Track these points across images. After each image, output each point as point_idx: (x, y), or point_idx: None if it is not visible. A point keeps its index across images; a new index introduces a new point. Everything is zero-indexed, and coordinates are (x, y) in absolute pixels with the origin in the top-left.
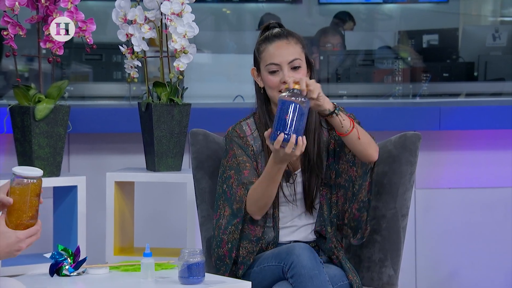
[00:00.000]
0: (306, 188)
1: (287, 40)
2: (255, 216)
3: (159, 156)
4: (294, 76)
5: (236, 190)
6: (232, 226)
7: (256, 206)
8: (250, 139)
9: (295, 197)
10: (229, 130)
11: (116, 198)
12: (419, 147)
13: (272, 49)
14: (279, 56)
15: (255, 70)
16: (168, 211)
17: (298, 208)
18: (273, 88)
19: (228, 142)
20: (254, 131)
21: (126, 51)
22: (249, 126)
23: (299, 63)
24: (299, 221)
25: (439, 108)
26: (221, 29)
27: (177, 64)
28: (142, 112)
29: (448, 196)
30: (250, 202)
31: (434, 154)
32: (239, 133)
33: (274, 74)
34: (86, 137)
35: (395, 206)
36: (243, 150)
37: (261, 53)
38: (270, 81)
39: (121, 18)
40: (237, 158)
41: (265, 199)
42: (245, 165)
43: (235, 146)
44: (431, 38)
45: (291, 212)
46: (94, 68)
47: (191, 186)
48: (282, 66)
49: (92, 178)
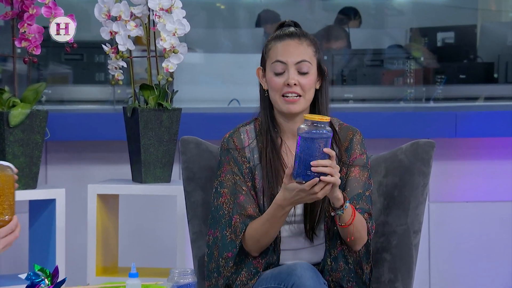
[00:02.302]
0: (308, 211)
1: (299, 40)
2: (253, 253)
3: (146, 167)
4: (300, 80)
5: (231, 216)
6: (222, 260)
7: (257, 246)
8: (248, 151)
9: (294, 219)
10: (225, 137)
11: (98, 213)
12: (432, 156)
13: (280, 46)
14: (286, 54)
15: (261, 70)
16: (156, 227)
17: (299, 230)
18: (276, 91)
19: (224, 154)
20: (253, 141)
21: (110, 50)
22: (248, 134)
23: (308, 67)
24: (303, 244)
25: (455, 113)
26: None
27: (166, 65)
28: (128, 117)
29: (464, 210)
30: (250, 241)
31: (450, 164)
32: (236, 145)
33: (279, 75)
34: (66, 146)
35: (406, 222)
36: (239, 168)
37: (268, 51)
38: (273, 82)
39: (105, 14)
40: (233, 176)
41: (267, 239)
42: (241, 189)
43: (231, 161)
44: (446, 36)
45: (293, 233)
46: (74, 69)
47: (181, 199)
48: (288, 66)
49: (72, 191)
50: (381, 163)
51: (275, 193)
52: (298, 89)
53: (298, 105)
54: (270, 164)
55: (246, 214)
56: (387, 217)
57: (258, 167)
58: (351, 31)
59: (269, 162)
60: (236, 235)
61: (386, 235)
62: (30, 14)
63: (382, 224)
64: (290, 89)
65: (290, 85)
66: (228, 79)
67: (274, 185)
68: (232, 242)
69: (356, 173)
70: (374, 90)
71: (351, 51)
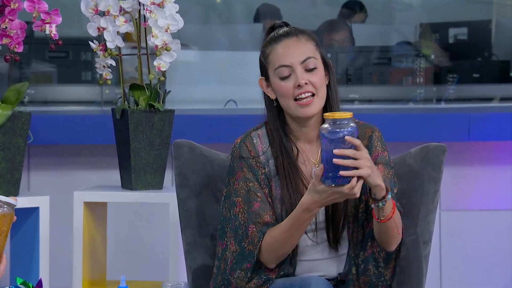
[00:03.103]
0: (329, 217)
1: (296, 38)
2: (269, 264)
3: (136, 172)
4: (310, 79)
5: (247, 226)
6: (241, 272)
7: (274, 256)
8: (262, 157)
9: (316, 226)
10: (237, 142)
11: (85, 222)
12: (444, 161)
13: (280, 49)
14: (289, 56)
15: (263, 80)
16: (147, 237)
17: (321, 238)
18: (287, 97)
19: (237, 161)
20: (268, 148)
21: (98, 47)
22: (261, 139)
23: (314, 63)
24: (322, 254)
25: (468, 115)
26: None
27: (158, 63)
28: (117, 119)
29: (478, 219)
30: (268, 251)
31: (462, 170)
32: (250, 150)
33: (286, 79)
34: (50, 150)
35: (415, 231)
36: (254, 175)
37: (268, 57)
38: (282, 88)
39: (92, 8)
40: (247, 183)
41: (287, 248)
42: (256, 196)
43: (245, 167)
44: (458, 32)
45: (314, 243)
46: (59, 67)
47: (174, 207)
48: (294, 67)
49: (56, 198)
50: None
51: (296, 204)
52: (310, 87)
53: (314, 107)
54: (289, 178)
55: (263, 222)
56: None
57: (274, 175)
58: (356, 27)
59: (288, 175)
60: (254, 245)
61: None
62: (11, 9)
63: None
64: (302, 90)
65: (301, 85)
66: (224, 78)
67: (294, 197)
68: (251, 252)
69: (381, 171)
70: (381, 90)
71: (356, 48)
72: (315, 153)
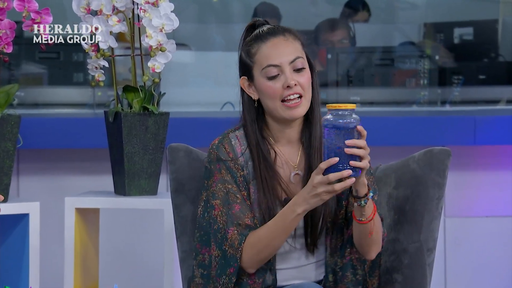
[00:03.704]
0: (308, 221)
1: (284, 37)
2: (249, 269)
3: (130, 177)
4: (298, 79)
5: (226, 229)
6: (226, 277)
7: (256, 259)
8: (241, 160)
9: (294, 233)
10: (214, 143)
11: (77, 229)
12: (448, 166)
13: (267, 48)
14: (278, 55)
15: (246, 79)
16: (141, 245)
17: (298, 245)
18: (274, 98)
19: (214, 162)
20: (245, 150)
21: (90, 48)
22: (239, 141)
23: (302, 63)
24: (299, 260)
25: (474, 118)
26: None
27: (152, 65)
28: (110, 123)
29: (484, 226)
30: (249, 254)
31: (468, 175)
32: (228, 152)
33: (274, 79)
34: (40, 154)
35: (419, 239)
36: (233, 177)
37: (254, 56)
38: (269, 89)
39: (84, 8)
40: (225, 185)
41: (270, 251)
42: (235, 197)
43: (223, 169)
44: (464, 32)
45: (291, 249)
46: (50, 69)
47: (169, 213)
48: (283, 68)
49: (47, 205)
50: (391, 173)
51: (274, 211)
52: (298, 89)
53: (302, 108)
54: (266, 182)
55: (244, 225)
56: (397, 233)
57: (253, 178)
58: (358, 26)
59: (265, 179)
60: (235, 248)
61: (396, 253)
62: (0, 8)
63: (392, 241)
64: (291, 91)
65: (290, 86)
66: (221, 80)
67: (271, 202)
68: (232, 256)
69: None
70: (383, 92)
71: (357, 49)
72: (294, 156)
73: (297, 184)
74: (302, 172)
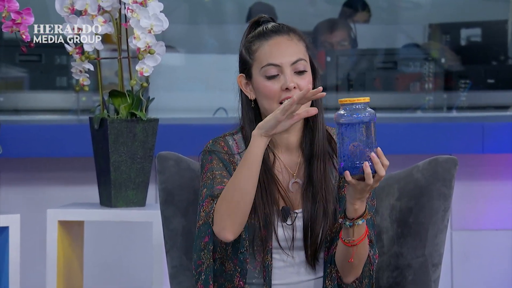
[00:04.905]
0: (307, 233)
1: (288, 36)
2: (225, 233)
3: (116, 188)
4: (299, 82)
5: (203, 205)
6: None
7: (227, 214)
8: (238, 158)
9: (292, 244)
10: (208, 143)
11: (60, 243)
12: (455, 175)
13: (269, 47)
14: (279, 55)
15: (243, 77)
16: (129, 260)
17: (298, 258)
18: (271, 99)
19: (207, 155)
20: (243, 151)
21: (74, 50)
22: (237, 143)
23: (304, 65)
24: (298, 276)
25: (482, 125)
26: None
27: (140, 68)
28: (95, 130)
29: (493, 239)
30: (220, 210)
31: (475, 185)
32: (223, 146)
33: (273, 79)
34: (21, 163)
35: (424, 253)
36: (224, 165)
37: (254, 53)
38: (267, 89)
39: (67, 7)
40: (213, 172)
41: (239, 199)
42: (222, 180)
43: (215, 159)
44: (471, 33)
45: (287, 263)
46: (31, 72)
47: (158, 226)
48: (283, 68)
49: (28, 217)
50: (394, 183)
51: (270, 218)
52: (297, 93)
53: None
54: (264, 185)
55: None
56: (401, 247)
57: None
58: (359, 27)
59: (263, 182)
60: (206, 213)
61: (400, 269)
62: None
63: (395, 256)
64: (289, 94)
65: (289, 89)
66: (213, 84)
67: (268, 207)
68: (206, 224)
69: None
70: (386, 97)
71: (358, 51)
72: (293, 163)
73: (296, 193)
74: (301, 180)
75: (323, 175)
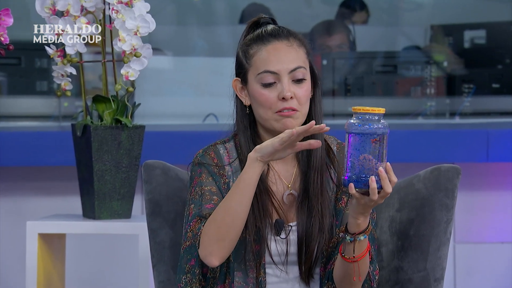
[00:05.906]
0: (302, 248)
1: (288, 42)
2: (211, 258)
3: (100, 199)
4: (296, 91)
5: (190, 224)
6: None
7: (215, 239)
8: (229, 170)
9: (286, 259)
10: (198, 153)
11: (40, 256)
12: (458, 185)
13: (267, 52)
14: (277, 62)
15: (239, 81)
16: (113, 274)
17: (292, 274)
18: (266, 107)
19: (196, 168)
20: (235, 160)
21: (55, 53)
22: (228, 152)
23: (303, 73)
24: None
25: (487, 132)
26: (186, 23)
27: (125, 72)
28: (77, 137)
29: (498, 252)
30: (207, 234)
31: (479, 196)
32: (213, 158)
33: (269, 87)
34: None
35: (425, 267)
36: (214, 180)
37: (251, 58)
38: (263, 97)
39: (48, 8)
40: (202, 187)
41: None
42: (211, 198)
43: (204, 173)
44: (475, 35)
45: (281, 279)
46: (9, 76)
47: (144, 239)
48: (280, 76)
49: (6, 229)
50: (394, 193)
51: (262, 231)
52: (294, 103)
53: (296, 120)
54: (257, 198)
55: (208, 215)
56: (401, 261)
57: None
58: (357, 29)
59: (255, 194)
60: (194, 234)
61: (400, 283)
62: None
63: (396, 270)
64: (285, 105)
65: (286, 98)
66: (203, 89)
67: (260, 220)
68: (192, 246)
69: None
70: (385, 102)
71: (357, 54)
72: (288, 174)
73: (291, 206)
74: (296, 192)
75: (319, 188)
